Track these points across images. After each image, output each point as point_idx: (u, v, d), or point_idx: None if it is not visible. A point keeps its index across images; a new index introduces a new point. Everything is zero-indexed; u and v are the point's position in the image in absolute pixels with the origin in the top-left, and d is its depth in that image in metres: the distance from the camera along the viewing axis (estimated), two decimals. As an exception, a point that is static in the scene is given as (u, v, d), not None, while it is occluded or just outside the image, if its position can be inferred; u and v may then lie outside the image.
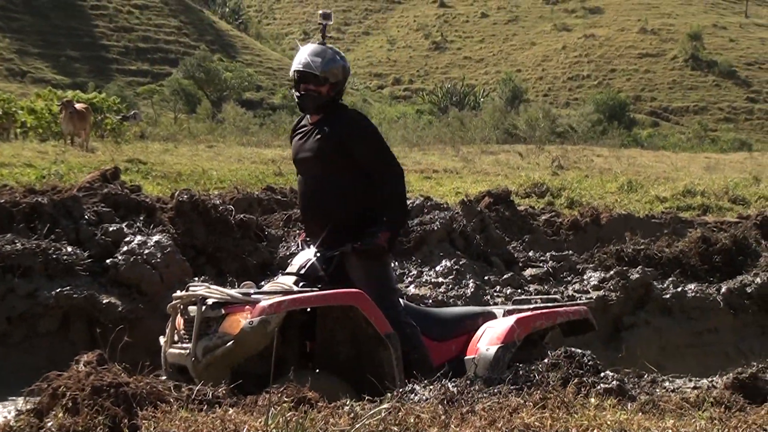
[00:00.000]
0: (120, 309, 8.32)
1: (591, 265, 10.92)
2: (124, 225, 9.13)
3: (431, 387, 6.15)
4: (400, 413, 4.84)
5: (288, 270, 7.34)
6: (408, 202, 11.15)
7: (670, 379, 7.26)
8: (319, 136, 7.04)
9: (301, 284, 7.09)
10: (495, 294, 9.77)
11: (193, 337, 6.62)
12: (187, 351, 6.63)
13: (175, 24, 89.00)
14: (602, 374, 6.61)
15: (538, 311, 7.77)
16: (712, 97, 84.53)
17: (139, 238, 8.84)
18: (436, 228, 10.32)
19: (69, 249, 8.59)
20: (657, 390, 6.58)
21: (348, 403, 5.14)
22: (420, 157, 36.03)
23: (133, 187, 10.34)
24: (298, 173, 7.39)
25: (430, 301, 9.40)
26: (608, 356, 10.01)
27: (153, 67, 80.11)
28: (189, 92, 70.06)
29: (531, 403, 5.33)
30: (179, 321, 6.96)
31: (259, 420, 4.41)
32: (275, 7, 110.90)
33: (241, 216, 9.70)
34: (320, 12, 7.26)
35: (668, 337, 10.27)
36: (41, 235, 8.71)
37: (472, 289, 9.71)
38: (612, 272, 10.58)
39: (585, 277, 10.65)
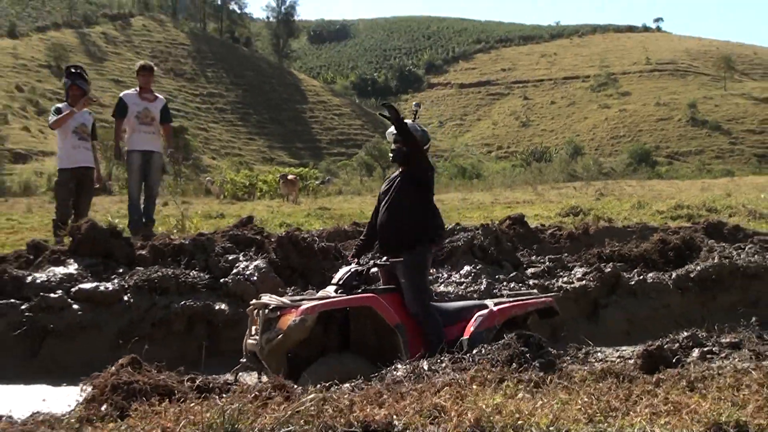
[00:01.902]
0: (227, 314, 7.60)
1: (578, 264, 9.72)
2: (240, 255, 8.38)
3: (408, 366, 5.19)
4: (334, 397, 3.86)
5: (332, 281, 6.55)
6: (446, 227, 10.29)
7: (602, 350, 5.92)
8: (399, 179, 6.64)
9: (339, 291, 6.34)
10: (503, 288, 8.67)
11: (259, 332, 5.99)
12: (257, 342, 5.99)
13: (359, 123, 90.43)
14: (545, 350, 5.53)
15: (514, 303, 6.80)
16: (707, 143, 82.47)
17: (244, 263, 8.10)
18: (460, 244, 9.31)
19: (194, 273, 7.89)
20: (588, 361, 5.48)
21: (313, 390, 4.18)
22: (509, 194, 34.74)
23: (257, 229, 9.55)
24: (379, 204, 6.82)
25: (453, 295, 8.38)
26: (589, 328, 8.83)
27: (347, 150, 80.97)
28: (368, 164, 70.08)
29: (463, 381, 4.31)
30: (254, 321, 6.19)
31: (210, 412, 3.48)
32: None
33: (323, 244, 8.87)
34: (414, 103, 7.29)
35: (634, 313, 9.05)
36: (179, 265, 8.04)
37: (485, 286, 8.66)
38: (592, 268, 9.38)
39: (573, 272, 9.47)
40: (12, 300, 7.07)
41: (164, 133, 10.40)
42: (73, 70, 9.98)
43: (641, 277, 9.26)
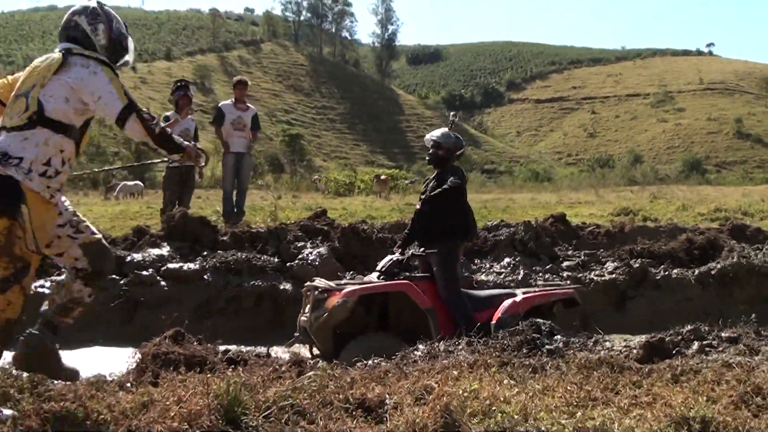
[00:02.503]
0: (290, 293, 7.40)
1: (611, 259, 9.10)
2: (308, 242, 8.18)
3: (428, 346, 4.88)
4: (337, 374, 3.61)
5: (376, 268, 6.30)
6: (490, 224, 9.83)
7: (611, 339, 5.42)
8: (434, 182, 6.35)
9: (381, 278, 6.12)
10: (538, 279, 8.20)
11: (310, 311, 5.78)
12: (307, 319, 5.78)
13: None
14: (555, 337, 5.12)
15: (538, 293, 6.38)
16: (750, 155, 78.19)
17: (310, 250, 7.88)
18: (503, 238, 8.87)
19: (265, 257, 7.73)
20: (595, 350, 5.02)
21: (320, 365, 3.94)
22: (573, 195, 33.34)
23: (327, 220, 9.32)
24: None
25: (492, 283, 7.95)
26: (616, 317, 8.29)
27: (437, 155, 79.93)
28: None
29: (466, 363, 3.99)
30: (307, 300, 6.00)
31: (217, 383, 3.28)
32: (501, 119, 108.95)
33: (381, 234, 8.59)
34: (452, 113, 6.89)
35: (658, 304, 8.38)
36: (254, 250, 7.91)
37: (522, 276, 8.18)
38: (622, 263, 8.79)
39: (605, 266, 8.87)
40: (113, 276, 7.09)
41: (251, 138, 10.27)
42: (180, 84, 9.99)
43: (666, 272, 8.60)
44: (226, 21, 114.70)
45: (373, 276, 6.24)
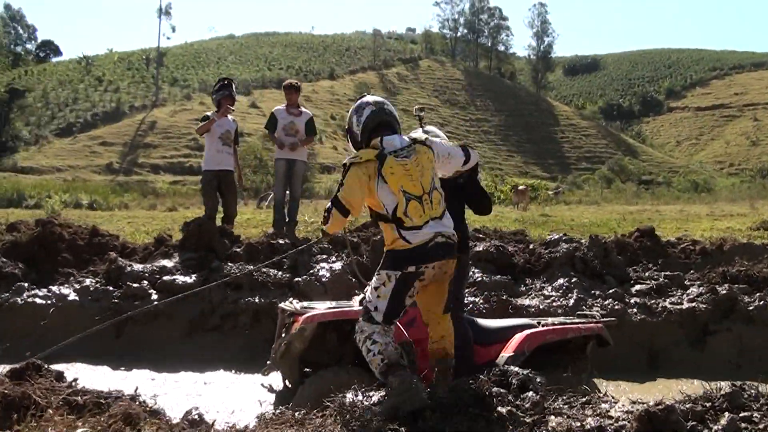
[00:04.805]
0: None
1: (697, 283, 7.20)
2: (333, 256, 7.07)
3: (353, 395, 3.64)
4: None
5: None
6: (549, 237, 8.22)
7: (612, 400, 3.74)
8: None
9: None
10: (595, 305, 6.53)
11: (276, 336, 4.85)
12: (274, 346, 4.79)
13: (604, 142, 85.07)
14: (526, 394, 3.66)
15: (551, 328, 4.86)
16: None
17: (322, 264, 6.76)
18: (558, 255, 7.23)
19: (272, 271, 6.70)
20: (579, 415, 3.46)
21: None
22: (726, 207, 29.72)
23: (370, 233, 8.12)
24: None
25: (534, 309, 6.39)
26: (693, 356, 6.47)
27: (592, 165, 76.12)
28: (608, 177, 64.74)
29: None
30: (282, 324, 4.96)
31: None
32: (660, 129, 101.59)
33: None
34: (416, 107, 5.23)
35: (747, 342, 6.44)
36: (263, 263, 6.88)
37: (573, 302, 6.55)
38: (707, 289, 6.88)
39: (687, 292, 6.99)
40: (108, 287, 6.39)
41: (304, 143, 9.29)
42: (224, 83, 9.09)
43: (762, 302, 6.61)
44: (386, 40, 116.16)
45: (355, 300, 5.04)
